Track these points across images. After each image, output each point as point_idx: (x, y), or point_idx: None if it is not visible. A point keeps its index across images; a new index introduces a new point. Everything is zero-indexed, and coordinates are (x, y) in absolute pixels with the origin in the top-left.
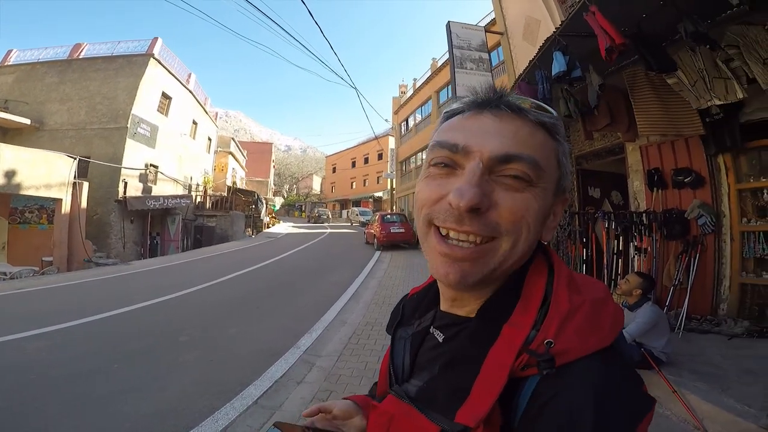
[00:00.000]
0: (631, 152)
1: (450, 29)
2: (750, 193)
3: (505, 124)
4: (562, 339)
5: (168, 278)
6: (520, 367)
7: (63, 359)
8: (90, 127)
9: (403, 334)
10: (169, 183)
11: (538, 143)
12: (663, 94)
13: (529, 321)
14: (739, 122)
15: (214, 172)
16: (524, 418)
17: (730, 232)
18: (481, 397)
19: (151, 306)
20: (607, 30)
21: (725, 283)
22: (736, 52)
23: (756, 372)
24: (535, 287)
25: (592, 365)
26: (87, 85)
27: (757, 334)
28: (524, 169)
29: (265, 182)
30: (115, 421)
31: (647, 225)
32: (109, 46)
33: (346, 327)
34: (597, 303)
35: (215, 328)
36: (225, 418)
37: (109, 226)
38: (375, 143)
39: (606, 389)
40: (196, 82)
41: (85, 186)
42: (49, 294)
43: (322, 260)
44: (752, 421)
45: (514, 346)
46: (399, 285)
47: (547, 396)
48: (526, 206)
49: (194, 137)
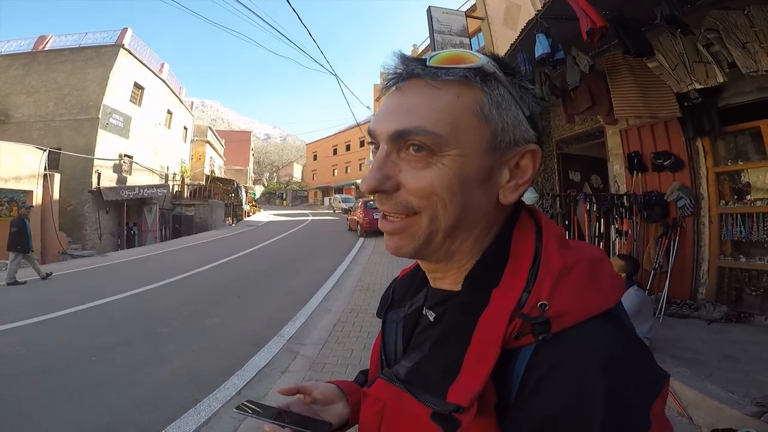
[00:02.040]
0: (611, 136)
1: (431, 14)
2: (727, 176)
3: (407, 97)
4: (556, 300)
5: (146, 269)
6: (514, 335)
7: (38, 353)
8: (59, 118)
9: (395, 317)
10: (145, 173)
11: (438, 107)
12: (641, 77)
13: (520, 283)
14: (717, 107)
15: (192, 161)
16: (520, 395)
17: (709, 214)
18: (473, 371)
19: (129, 297)
20: (588, 13)
21: (704, 266)
22: (716, 36)
23: (736, 357)
24: (524, 247)
25: (596, 331)
26: (54, 77)
27: (735, 319)
28: (418, 141)
29: (244, 171)
30: (94, 415)
31: (628, 207)
32: (76, 37)
33: (331, 314)
34: (593, 262)
35: (196, 319)
36: (208, 409)
37: (83, 218)
38: (357, 130)
39: (616, 358)
40: (169, 71)
41: (57, 177)
42: (23, 288)
43: (304, 248)
44: (737, 408)
45: (505, 312)
46: (383, 272)
47: (545, 367)
48: (430, 182)
49: (169, 127)
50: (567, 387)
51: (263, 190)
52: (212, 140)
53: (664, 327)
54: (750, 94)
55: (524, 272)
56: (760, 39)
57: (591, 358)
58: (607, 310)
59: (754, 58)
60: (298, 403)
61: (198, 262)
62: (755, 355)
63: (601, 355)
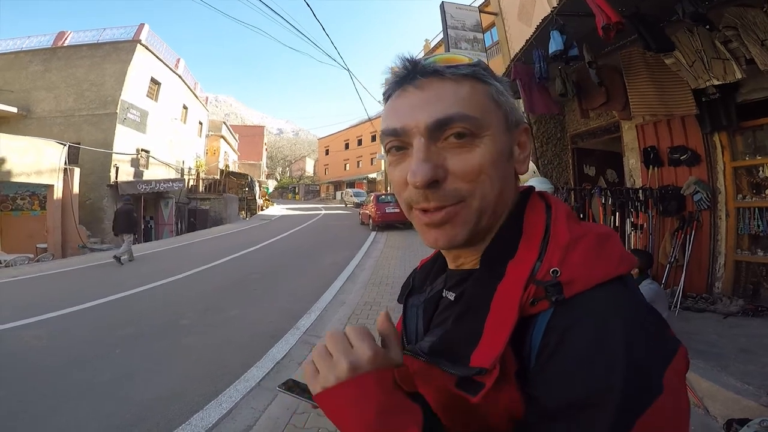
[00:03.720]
0: (627, 131)
1: (444, 9)
2: (745, 171)
3: (427, 92)
4: (567, 267)
5: (164, 262)
6: (530, 302)
7: (63, 346)
8: (79, 113)
9: (415, 301)
10: (161, 167)
11: (464, 96)
12: (657, 74)
13: (533, 254)
14: (735, 102)
15: (206, 155)
16: (539, 358)
17: (726, 208)
18: (493, 336)
19: (150, 290)
20: (604, 8)
21: (720, 260)
22: (734, 34)
23: (752, 350)
24: (535, 224)
25: (606, 295)
26: (73, 72)
27: (751, 313)
28: (461, 127)
29: (257, 165)
30: (121, 407)
31: (643, 201)
32: (94, 33)
33: (345, 307)
34: (601, 236)
35: (215, 311)
36: (229, 400)
37: (102, 211)
38: (368, 125)
39: (628, 320)
40: (185, 67)
41: (77, 172)
42: (46, 281)
43: (317, 241)
44: (752, 399)
45: (520, 280)
46: (396, 265)
47: (561, 329)
48: (479, 161)
49: (185, 122)
50: (581, 347)
51: (276, 184)
52: (227, 135)
53: (679, 320)
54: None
55: (536, 245)
56: None
57: (605, 320)
58: (617, 278)
59: None
60: None
61: (215, 255)
62: None
63: (614, 317)
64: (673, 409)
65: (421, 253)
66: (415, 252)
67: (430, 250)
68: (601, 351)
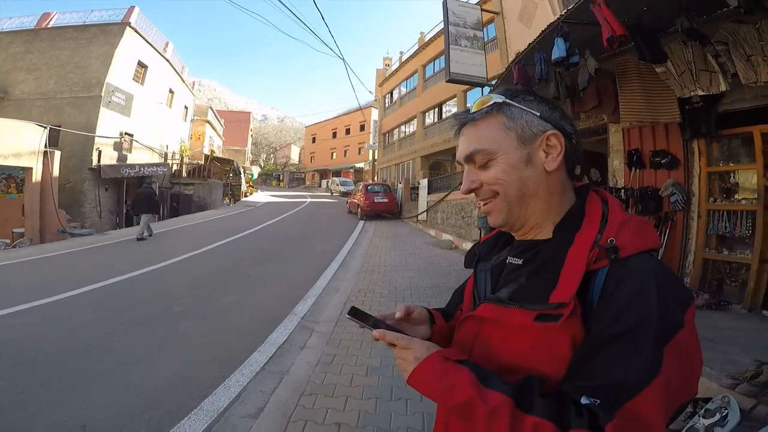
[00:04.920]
0: (613, 133)
1: (447, 6)
2: (718, 176)
3: (464, 137)
4: (620, 237)
5: (150, 248)
6: (593, 260)
7: (58, 334)
8: (60, 96)
9: (483, 267)
10: (145, 151)
11: (481, 134)
12: (648, 82)
13: (595, 229)
14: (716, 111)
15: (191, 140)
16: (600, 300)
17: (698, 209)
18: (568, 281)
19: (138, 276)
20: (610, 21)
21: (690, 257)
22: (724, 49)
23: (714, 340)
24: (595, 210)
25: (648, 259)
26: (57, 54)
27: (714, 307)
28: (478, 158)
29: (242, 151)
30: (128, 393)
31: (625, 200)
32: (80, 15)
33: (340, 294)
34: (641, 220)
35: (209, 297)
36: (237, 384)
37: (83, 195)
38: (357, 114)
39: (661, 276)
40: (173, 50)
41: (57, 154)
42: (28, 267)
43: (306, 229)
44: (715, 381)
45: (586, 244)
46: (386, 254)
47: (616, 280)
48: (494, 175)
49: (171, 106)
50: (632, 290)
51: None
52: (212, 120)
53: None
54: (747, 101)
55: (596, 223)
56: (765, 52)
57: (645, 274)
58: (652, 249)
59: (755, 71)
60: (391, 318)
61: (203, 241)
62: (732, 339)
63: (651, 273)
64: (692, 338)
65: (409, 243)
66: (404, 242)
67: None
68: (644, 295)
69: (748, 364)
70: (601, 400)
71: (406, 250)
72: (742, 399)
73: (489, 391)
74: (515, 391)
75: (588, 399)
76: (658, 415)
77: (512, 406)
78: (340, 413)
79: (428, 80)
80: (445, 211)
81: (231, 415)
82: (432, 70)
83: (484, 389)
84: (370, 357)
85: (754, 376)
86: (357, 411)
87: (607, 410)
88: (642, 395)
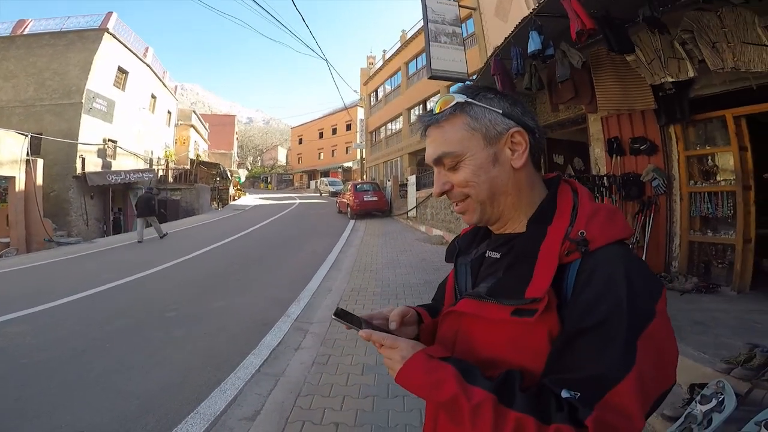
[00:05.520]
0: (593, 122)
1: (425, 3)
2: (696, 159)
3: (431, 139)
4: (590, 229)
5: (138, 255)
6: (565, 253)
7: (50, 341)
8: (40, 103)
9: (463, 261)
10: (130, 157)
11: (447, 137)
12: (621, 71)
13: (566, 221)
14: (688, 97)
15: (176, 145)
16: (574, 293)
17: (680, 192)
18: (541, 276)
19: (129, 283)
20: (580, 14)
21: (676, 240)
22: (690, 36)
23: (705, 323)
24: (566, 201)
25: (618, 250)
26: (34, 62)
27: (704, 290)
28: (448, 160)
29: (228, 154)
30: (124, 398)
31: (608, 187)
32: (57, 21)
33: (333, 294)
34: (611, 210)
35: (200, 302)
36: (233, 387)
37: (68, 203)
38: (343, 114)
39: (631, 266)
40: (153, 55)
41: (40, 163)
42: (16, 276)
43: (297, 230)
44: (709, 366)
45: (558, 238)
46: (377, 252)
47: (588, 272)
48: (464, 176)
49: (153, 111)
50: (602, 283)
51: (247, 173)
52: (196, 124)
53: None
54: (717, 86)
55: (567, 215)
56: (728, 39)
57: (615, 265)
58: (622, 239)
59: (721, 57)
60: (378, 317)
61: (192, 247)
62: (722, 321)
63: (620, 264)
64: (665, 328)
65: (400, 240)
66: (395, 239)
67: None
68: (613, 287)
69: (740, 347)
70: (581, 393)
71: (398, 248)
72: (737, 383)
73: (472, 387)
74: (497, 387)
75: (568, 392)
76: (637, 406)
77: (495, 401)
78: (338, 413)
79: (412, 77)
80: (434, 207)
81: (228, 418)
82: (415, 67)
83: (468, 386)
84: (366, 356)
85: (747, 360)
86: (354, 410)
87: (586, 404)
88: (619, 387)
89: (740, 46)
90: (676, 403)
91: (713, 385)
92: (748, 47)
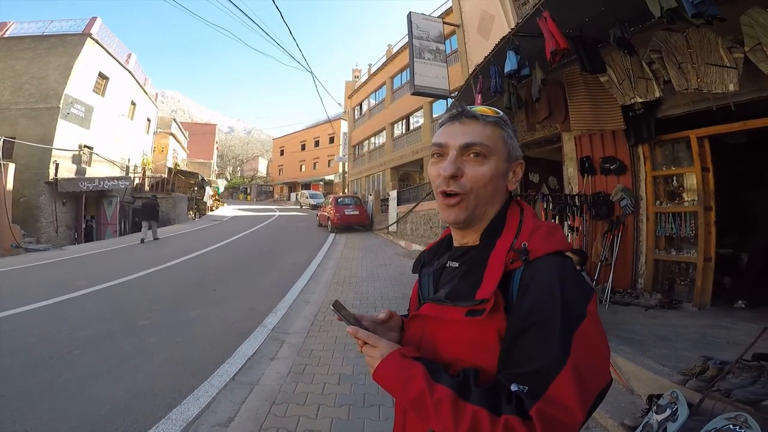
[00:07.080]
0: (567, 141)
1: (411, 20)
2: (662, 180)
3: (466, 126)
4: (532, 242)
5: (110, 263)
6: (510, 261)
7: (16, 347)
8: (15, 107)
9: (427, 271)
10: (106, 164)
11: (487, 134)
12: (594, 92)
13: (512, 235)
14: (655, 117)
15: (154, 153)
16: (518, 296)
17: (646, 212)
18: (489, 280)
19: (100, 291)
20: (555, 35)
21: (642, 259)
22: (658, 56)
23: (667, 338)
24: (513, 219)
25: (556, 259)
26: (12, 65)
27: (667, 306)
28: (478, 150)
29: (207, 164)
30: (93, 404)
31: (579, 206)
32: (40, 25)
33: (311, 306)
34: (551, 226)
35: (174, 312)
36: (206, 395)
37: (38, 209)
38: (326, 126)
39: (565, 273)
40: (136, 62)
41: (11, 167)
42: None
43: (276, 242)
44: (667, 378)
45: (504, 248)
46: (357, 266)
47: (529, 278)
48: (482, 173)
49: (132, 118)
50: (540, 287)
51: (226, 184)
52: (176, 132)
53: (609, 313)
54: (681, 107)
55: (513, 230)
56: (693, 60)
57: (552, 273)
58: (560, 251)
59: (686, 78)
60: (368, 319)
61: (166, 257)
62: (683, 335)
63: (555, 271)
64: (595, 328)
65: (380, 254)
66: (375, 253)
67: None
68: (549, 290)
69: (696, 360)
70: (528, 386)
71: (377, 261)
72: (691, 394)
73: (436, 384)
74: (457, 383)
75: (517, 386)
76: (575, 398)
77: (454, 396)
78: (313, 420)
79: (396, 92)
80: (414, 222)
81: (201, 424)
82: (400, 82)
83: (433, 383)
84: (342, 366)
85: (701, 372)
86: (330, 418)
87: (532, 396)
88: (559, 379)
89: (704, 67)
90: (636, 413)
91: (668, 395)
92: (711, 68)
